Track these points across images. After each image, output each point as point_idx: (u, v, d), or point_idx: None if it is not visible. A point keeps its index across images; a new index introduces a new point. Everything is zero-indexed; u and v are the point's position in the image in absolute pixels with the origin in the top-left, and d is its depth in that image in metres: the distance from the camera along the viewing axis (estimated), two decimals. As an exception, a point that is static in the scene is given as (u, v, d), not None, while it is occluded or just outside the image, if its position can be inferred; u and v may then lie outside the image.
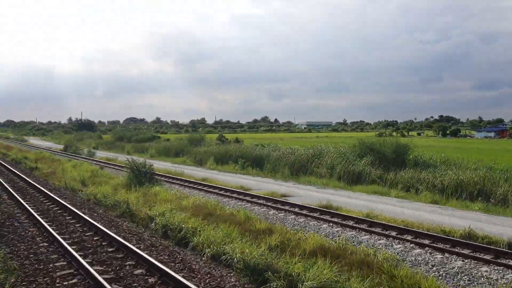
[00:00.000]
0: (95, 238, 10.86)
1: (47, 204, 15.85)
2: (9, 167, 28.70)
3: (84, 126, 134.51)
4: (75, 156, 43.80)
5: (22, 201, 15.30)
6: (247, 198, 19.03)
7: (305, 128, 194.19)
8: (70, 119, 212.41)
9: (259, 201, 18.17)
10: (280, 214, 15.72)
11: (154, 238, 11.61)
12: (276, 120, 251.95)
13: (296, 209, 16.46)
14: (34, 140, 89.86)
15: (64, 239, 10.44)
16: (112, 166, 33.01)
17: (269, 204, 17.42)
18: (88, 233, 11.48)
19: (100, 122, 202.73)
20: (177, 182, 24.63)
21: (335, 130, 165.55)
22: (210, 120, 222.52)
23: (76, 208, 14.35)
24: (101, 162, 36.55)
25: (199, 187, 22.64)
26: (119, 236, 10.73)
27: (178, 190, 20.96)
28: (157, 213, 13.36)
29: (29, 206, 14.46)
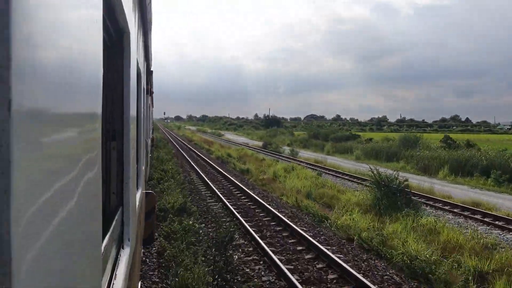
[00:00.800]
0: None
1: (306, 256, 9.51)
2: (218, 168, 24.77)
3: (271, 122, 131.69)
4: (277, 154, 39.43)
5: (266, 248, 9.27)
6: None
7: (509, 129, 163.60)
8: (256, 115, 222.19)
9: None
10: None
11: None
12: (467, 120, 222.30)
13: None
14: (229, 135, 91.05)
15: None
16: (328, 172, 26.81)
17: None
18: None
19: (283, 118, 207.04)
20: (436, 204, 16.80)
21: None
22: (391, 118, 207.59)
23: (369, 280, 7.61)
24: (310, 164, 30.92)
25: (479, 217, 14.44)
26: None
27: (473, 229, 13.10)
28: None
29: (283, 264, 8.26)
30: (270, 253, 8.84)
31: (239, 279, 7.46)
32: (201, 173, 22.03)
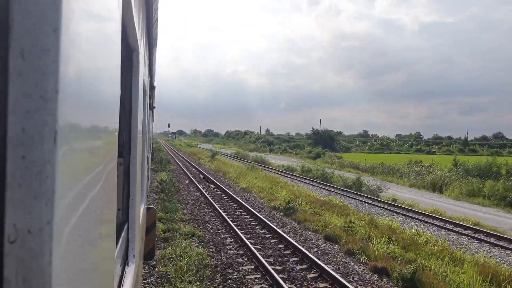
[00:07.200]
0: None
1: None
2: None
3: (323, 139, 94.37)
4: None
5: None
6: None
7: None
8: (267, 129, 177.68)
9: None
10: None
11: None
12: (503, 136, 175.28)
13: None
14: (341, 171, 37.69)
15: None
16: None
17: None
18: None
19: (298, 134, 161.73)
20: None
21: None
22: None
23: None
24: None
25: None
26: None
27: None
28: None
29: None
30: None
31: None
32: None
